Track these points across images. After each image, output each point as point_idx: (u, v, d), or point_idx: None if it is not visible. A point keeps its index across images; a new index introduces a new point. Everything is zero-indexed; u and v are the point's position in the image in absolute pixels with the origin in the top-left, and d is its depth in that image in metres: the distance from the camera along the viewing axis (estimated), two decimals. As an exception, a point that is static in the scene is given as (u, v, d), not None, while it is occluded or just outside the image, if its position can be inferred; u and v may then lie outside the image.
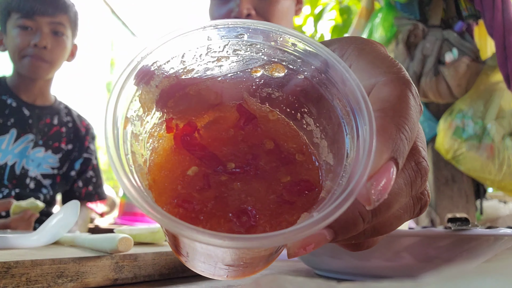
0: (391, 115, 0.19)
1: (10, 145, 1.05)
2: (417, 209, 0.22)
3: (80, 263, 0.30)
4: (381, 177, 0.17)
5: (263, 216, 0.19)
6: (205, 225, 0.19)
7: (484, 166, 1.44)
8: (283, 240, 0.15)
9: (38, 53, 1.02)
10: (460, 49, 1.53)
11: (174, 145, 0.21)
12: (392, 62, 0.21)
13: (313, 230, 0.16)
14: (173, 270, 0.35)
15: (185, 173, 0.20)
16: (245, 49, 0.21)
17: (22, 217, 0.78)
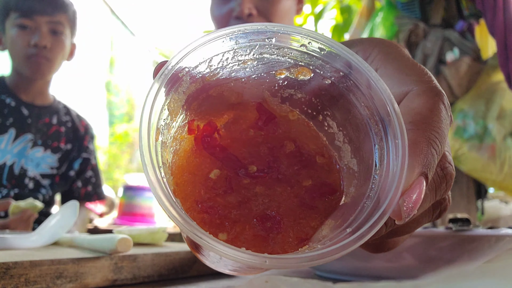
0: (423, 128, 0.19)
1: (9, 145, 1.04)
2: (436, 213, 0.22)
3: (79, 264, 0.29)
4: (412, 193, 0.17)
5: (287, 221, 0.19)
6: (230, 231, 0.19)
7: (485, 166, 1.43)
8: (322, 260, 0.16)
9: (38, 53, 1.02)
10: (461, 49, 1.52)
11: (195, 146, 0.21)
12: (422, 70, 0.21)
13: (350, 250, 0.16)
14: (172, 271, 0.34)
15: (207, 176, 0.20)
16: (271, 52, 0.21)
17: (21, 218, 0.78)
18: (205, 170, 0.20)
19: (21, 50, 1.02)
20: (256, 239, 0.19)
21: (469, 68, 1.49)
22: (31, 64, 1.03)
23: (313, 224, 0.19)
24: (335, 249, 0.16)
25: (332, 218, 0.19)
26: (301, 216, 0.20)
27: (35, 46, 1.01)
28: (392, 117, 0.18)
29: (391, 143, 0.18)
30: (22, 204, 0.79)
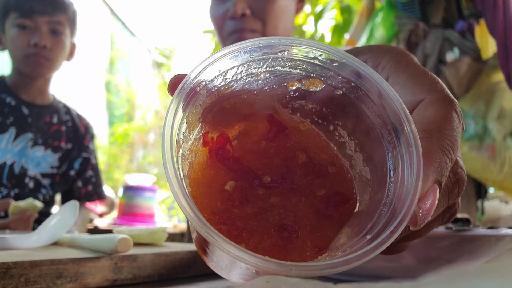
0: (436, 137, 0.19)
1: (9, 144, 1.04)
2: (446, 217, 0.23)
3: (79, 264, 0.29)
4: (427, 200, 0.18)
5: (303, 231, 0.20)
6: (248, 242, 0.19)
7: (485, 166, 1.43)
8: (346, 267, 0.16)
9: (38, 52, 1.02)
10: (461, 49, 1.52)
11: (209, 159, 0.21)
12: (433, 79, 0.22)
13: (372, 256, 0.17)
14: (172, 271, 0.34)
15: (223, 188, 0.21)
16: (283, 64, 0.21)
17: (21, 218, 0.78)
18: (220, 182, 0.21)
19: (21, 49, 1.02)
20: (275, 249, 0.19)
21: (469, 68, 1.49)
22: (31, 64, 1.03)
23: (329, 233, 0.20)
24: (357, 256, 0.17)
25: (348, 227, 0.20)
26: (317, 225, 0.20)
27: (35, 45, 1.01)
28: (405, 126, 0.18)
29: (404, 151, 0.18)
30: (22, 204, 0.79)
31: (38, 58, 1.02)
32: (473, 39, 1.60)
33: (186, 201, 0.17)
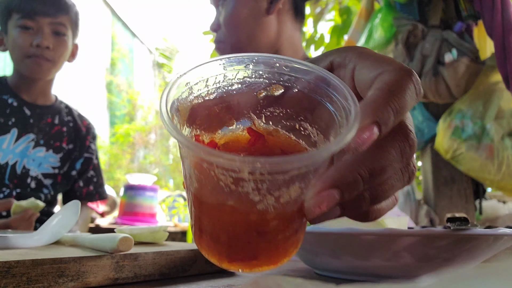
0: (385, 92, 0.22)
1: (11, 145, 1.04)
2: (406, 178, 0.24)
3: (80, 263, 0.30)
4: (364, 132, 0.21)
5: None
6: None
7: (483, 166, 1.44)
8: (311, 158, 0.19)
9: (41, 53, 1.02)
10: (459, 50, 1.53)
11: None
12: (394, 60, 0.25)
13: (335, 148, 0.19)
14: (173, 270, 0.35)
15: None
16: (251, 75, 0.26)
17: (22, 217, 0.78)
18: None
19: (23, 50, 1.02)
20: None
21: (467, 69, 1.50)
22: (33, 65, 1.03)
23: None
24: (324, 148, 0.20)
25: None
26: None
27: (37, 46, 1.01)
28: (352, 105, 0.22)
29: (349, 111, 0.22)
30: (24, 203, 0.79)
31: (40, 59, 1.02)
32: (471, 40, 1.61)
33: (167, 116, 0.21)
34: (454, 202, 1.65)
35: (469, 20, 1.62)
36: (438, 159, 1.65)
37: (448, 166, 1.65)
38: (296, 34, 0.82)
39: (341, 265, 0.35)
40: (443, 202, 1.65)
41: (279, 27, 0.77)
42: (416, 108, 1.74)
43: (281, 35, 0.78)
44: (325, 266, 0.37)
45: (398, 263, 0.33)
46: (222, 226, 0.21)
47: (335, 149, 0.19)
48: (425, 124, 1.68)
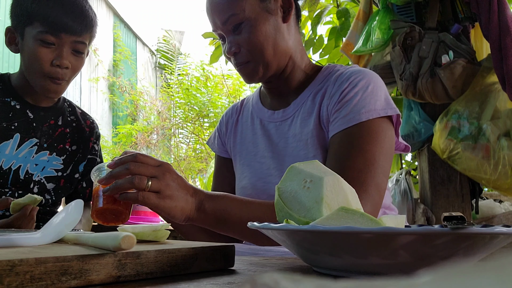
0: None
1: (14, 150, 1.02)
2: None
3: (83, 261, 0.30)
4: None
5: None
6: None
7: (479, 165, 1.45)
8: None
9: (59, 75, 0.99)
10: (456, 51, 1.54)
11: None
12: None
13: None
14: (175, 268, 0.35)
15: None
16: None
17: (23, 214, 0.78)
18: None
19: (42, 68, 0.98)
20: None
21: (463, 70, 1.51)
22: (50, 86, 1.00)
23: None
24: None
25: None
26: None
27: (57, 66, 0.98)
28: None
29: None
30: (21, 200, 0.79)
31: (58, 81, 0.99)
32: (468, 42, 1.62)
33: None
34: (451, 201, 1.66)
35: (466, 22, 1.63)
36: (434, 159, 1.66)
37: (444, 166, 1.66)
38: (299, 37, 0.85)
39: (340, 263, 0.36)
40: (439, 201, 1.67)
41: (289, 32, 0.81)
42: (413, 108, 1.75)
43: (292, 40, 0.81)
44: (324, 264, 0.38)
45: (396, 261, 0.34)
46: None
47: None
48: (422, 124, 1.69)
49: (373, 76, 0.77)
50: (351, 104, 0.72)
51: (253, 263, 0.45)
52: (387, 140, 0.70)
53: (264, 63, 0.78)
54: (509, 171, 1.41)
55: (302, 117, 0.80)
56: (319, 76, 0.83)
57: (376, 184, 0.65)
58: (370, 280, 0.13)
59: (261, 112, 0.88)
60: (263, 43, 0.77)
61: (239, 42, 0.77)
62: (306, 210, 0.40)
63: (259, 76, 0.80)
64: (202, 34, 2.47)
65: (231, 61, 0.82)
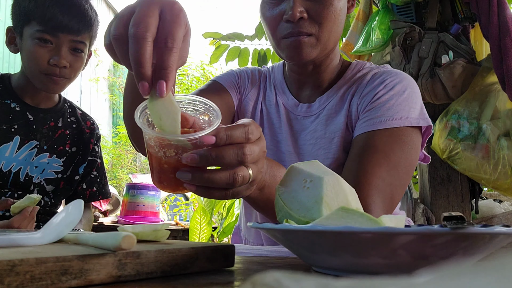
0: (229, 129, 0.40)
1: (14, 153, 1.02)
2: (231, 180, 0.41)
3: (84, 261, 0.30)
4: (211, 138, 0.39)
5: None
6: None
7: (479, 165, 1.45)
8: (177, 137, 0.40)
9: (57, 73, 0.99)
10: (455, 51, 1.54)
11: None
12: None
13: (192, 137, 0.39)
14: (175, 267, 0.35)
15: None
16: (195, 106, 0.46)
17: (23, 216, 0.78)
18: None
19: (40, 66, 0.98)
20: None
21: (463, 70, 1.51)
22: (48, 82, 1.00)
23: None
24: (190, 134, 0.40)
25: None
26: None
27: (54, 65, 0.98)
28: (217, 119, 0.43)
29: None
30: (21, 203, 0.79)
31: (56, 78, 0.99)
32: (467, 42, 1.62)
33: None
34: (451, 201, 1.66)
35: (465, 22, 1.63)
36: (434, 159, 1.67)
37: (444, 166, 1.66)
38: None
39: (339, 262, 0.36)
40: (439, 201, 1.67)
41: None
42: (413, 108, 1.75)
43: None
44: (324, 263, 0.38)
45: (396, 261, 0.34)
46: (151, 164, 0.43)
47: (193, 137, 0.39)
48: (422, 124, 1.69)
49: (410, 81, 0.73)
50: (384, 107, 0.67)
51: (253, 263, 0.45)
52: (414, 152, 0.66)
53: (323, 42, 0.70)
54: (509, 171, 1.41)
55: (328, 114, 0.75)
56: (348, 73, 0.78)
57: (392, 197, 0.62)
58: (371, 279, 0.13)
59: (286, 98, 0.81)
60: (335, 22, 0.70)
61: (309, 8, 0.68)
62: (306, 210, 0.40)
63: (312, 57, 0.71)
64: (202, 34, 2.47)
65: (277, 26, 0.70)
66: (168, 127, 0.39)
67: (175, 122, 0.39)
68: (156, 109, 0.39)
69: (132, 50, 0.37)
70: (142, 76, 0.37)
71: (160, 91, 0.38)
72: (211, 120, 0.45)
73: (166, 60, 0.38)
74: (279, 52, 0.74)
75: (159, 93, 0.38)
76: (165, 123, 0.39)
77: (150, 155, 0.42)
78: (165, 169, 0.41)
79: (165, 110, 0.39)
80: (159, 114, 0.39)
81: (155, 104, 0.38)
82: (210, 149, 0.39)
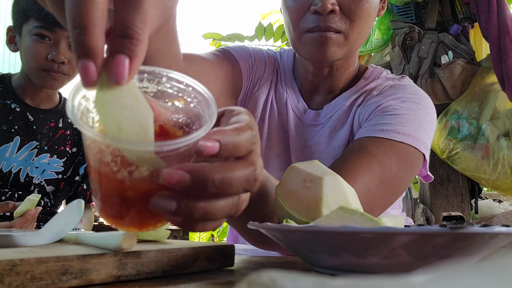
0: (236, 129, 0.28)
1: (14, 153, 1.02)
2: (234, 210, 0.27)
3: (84, 261, 0.30)
4: (209, 141, 0.25)
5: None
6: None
7: (479, 165, 1.45)
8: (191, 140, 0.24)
9: (55, 68, 0.99)
10: (455, 52, 1.54)
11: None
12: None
13: (185, 141, 0.24)
14: (175, 267, 0.35)
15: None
16: (165, 86, 0.30)
17: (25, 219, 0.78)
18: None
19: (38, 62, 0.99)
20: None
21: (463, 70, 1.52)
22: (47, 78, 1.00)
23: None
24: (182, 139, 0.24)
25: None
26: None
27: (52, 60, 0.98)
28: (213, 112, 0.27)
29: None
30: (22, 208, 0.79)
31: (55, 74, 1.00)
32: (467, 42, 1.62)
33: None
34: (450, 201, 1.66)
35: (465, 23, 1.63)
36: (434, 159, 1.67)
37: (444, 166, 1.66)
38: None
39: (339, 262, 0.36)
40: (439, 201, 1.67)
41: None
42: (412, 109, 1.75)
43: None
44: (323, 263, 0.38)
45: (395, 261, 0.34)
46: (100, 188, 0.27)
47: (179, 143, 0.24)
48: (421, 124, 1.70)
49: (429, 104, 0.66)
50: (391, 116, 0.61)
51: (253, 263, 0.45)
52: (409, 175, 0.60)
53: (351, 42, 0.64)
54: (508, 171, 1.41)
55: (332, 126, 0.69)
56: (361, 82, 0.71)
57: (372, 208, 0.56)
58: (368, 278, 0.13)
59: (296, 100, 0.73)
60: (367, 19, 0.63)
61: (341, 1, 0.62)
62: (306, 210, 0.40)
63: (337, 58, 0.64)
64: (203, 34, 2.47)
65: (302, 17, 0.63)
66: (134, 137, 0.24)
67: (145, 130, 0.24)
68: (111, 110, 0.23)
69: (70, 2, 0.22)
70: (84, 48, 0.21)
71: (116, 74, 0.22)
72: (194, 111, 0.29)
73: (129, 15, 0.23)
74: (298, 47, 0.66)
75: (115, 78, 0.22)
76: (127, 132, 0.23)
77: (99, 176, 0.26)
78: (129, 197, 0.25)
79: (126, 111, 0.23)
80: (116, 119, 0.23)
81: (107, 101, 0.22)
82: (209, 168, 0.24)
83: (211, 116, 0.27)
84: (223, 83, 0.68)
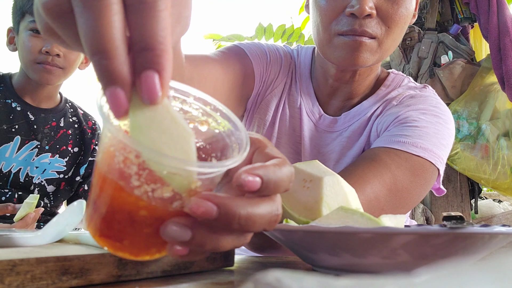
0: (280, 164, 0.25)
1: (14, 153, 1.02)
2: (242, 241, 0.25)
3: (84, 260, 0.30)
4: (250, 175, 0.23)
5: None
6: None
7: (479, 165, 1.46)
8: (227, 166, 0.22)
9: (49, 61, 1.00)
10: (455, 52, 1.55)
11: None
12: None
13: (219, 167, 0.22)
14: (175, 267, 0.35)
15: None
16: (190, 107, 0.27)
17: (26, 223, 0.78)
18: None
19: (32, 55, 1.00)
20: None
21: (463, 70, 1.52)
22: (42, 71, 1.00)
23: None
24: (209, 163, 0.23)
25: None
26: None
27: (46, 53, 0.99)
28: (246, 145, 0.25)
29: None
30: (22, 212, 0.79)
31: (50, 66, 1.00)
32: (467, 42, 1.62)
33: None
34: (450, 201, 1.66)
35: (465, 23, 1.64)
36: (434, 160, 1.67)
37: (444, 166, 1.66)
38: None
39: (339, 262, 0.36)
40: (439, 201, 1.67)
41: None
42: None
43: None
44: (324, 263, 0.38)
45: (395, 261, 0.34)
46: (106, 202, 0.23)
47: (215, 169, 0.22)
48: (421, 124, 1.70)
49: (449, 117, 0.64)
50: (410, 128, 0.58)
51: (253, 262, 0.45)
52: (422, 190, 0.58)
53: (384, 50, 0.60)
54: (508, 171, 1.41)
55: (349, 137, 0.66)
56: (381, 90, 0.68)
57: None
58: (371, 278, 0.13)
59: (311, 104, 0.70)
60: (402, 27, 0.61)
61: (380, 6, 0.58)
62: (306, 210, 0.40)
63: (368, 65, 0.61)
64: (204, 35, 2.47)
65: (335, 19, 0.60)
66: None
67: (188, 155, 0.22)
68: (148, 136, 0.21)
69: (84, 27, 0.19)
70: (109, 74, 0.19)
71: (149, 93, 0.20)
72: (218, 138, 0.27)
73: (147, 24, 0.20)
74: (327, 50, 0.62)
75: (148, 98, 0.20)
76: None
77: (111, 189, 0.23)
78: (139, 218, 0.23)
79: (165, 135, 0.21)
80: (156, 145, 0.21)
81: (144, 127, 0.21)
82: (236, 203, 0.22)
83: (246, 145, 0.25)
84: (232, 87, 0.64)
